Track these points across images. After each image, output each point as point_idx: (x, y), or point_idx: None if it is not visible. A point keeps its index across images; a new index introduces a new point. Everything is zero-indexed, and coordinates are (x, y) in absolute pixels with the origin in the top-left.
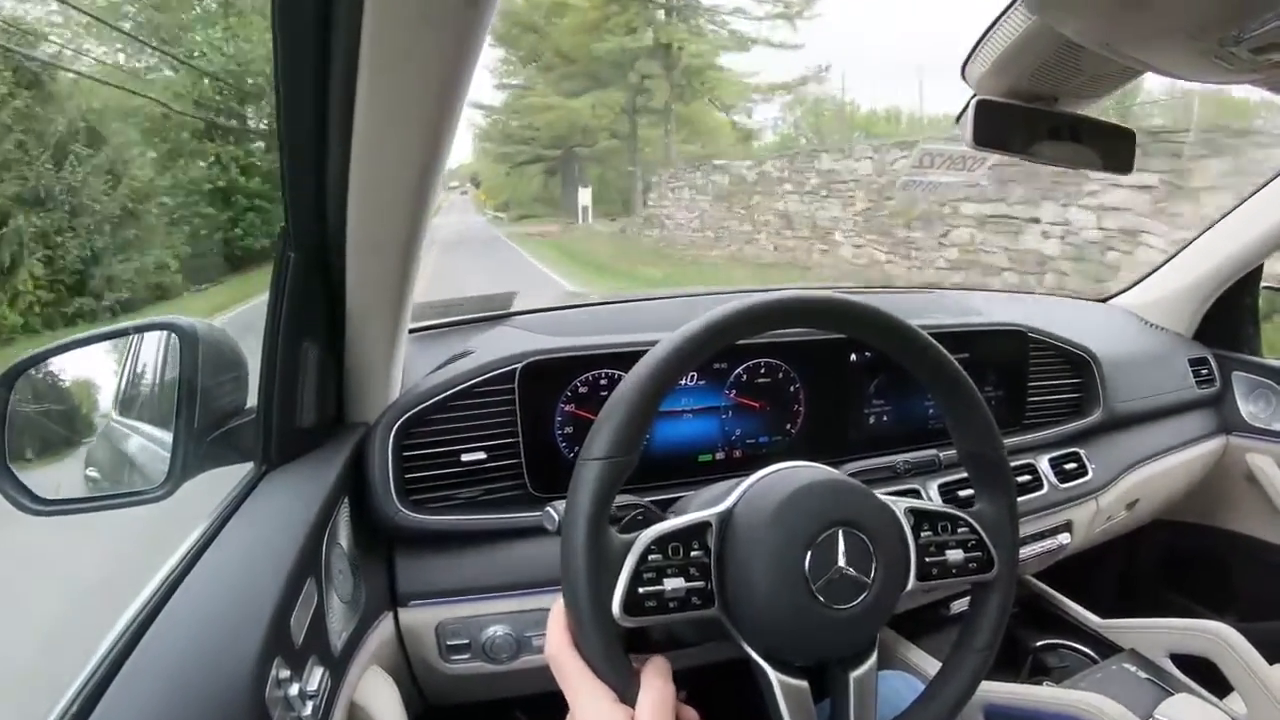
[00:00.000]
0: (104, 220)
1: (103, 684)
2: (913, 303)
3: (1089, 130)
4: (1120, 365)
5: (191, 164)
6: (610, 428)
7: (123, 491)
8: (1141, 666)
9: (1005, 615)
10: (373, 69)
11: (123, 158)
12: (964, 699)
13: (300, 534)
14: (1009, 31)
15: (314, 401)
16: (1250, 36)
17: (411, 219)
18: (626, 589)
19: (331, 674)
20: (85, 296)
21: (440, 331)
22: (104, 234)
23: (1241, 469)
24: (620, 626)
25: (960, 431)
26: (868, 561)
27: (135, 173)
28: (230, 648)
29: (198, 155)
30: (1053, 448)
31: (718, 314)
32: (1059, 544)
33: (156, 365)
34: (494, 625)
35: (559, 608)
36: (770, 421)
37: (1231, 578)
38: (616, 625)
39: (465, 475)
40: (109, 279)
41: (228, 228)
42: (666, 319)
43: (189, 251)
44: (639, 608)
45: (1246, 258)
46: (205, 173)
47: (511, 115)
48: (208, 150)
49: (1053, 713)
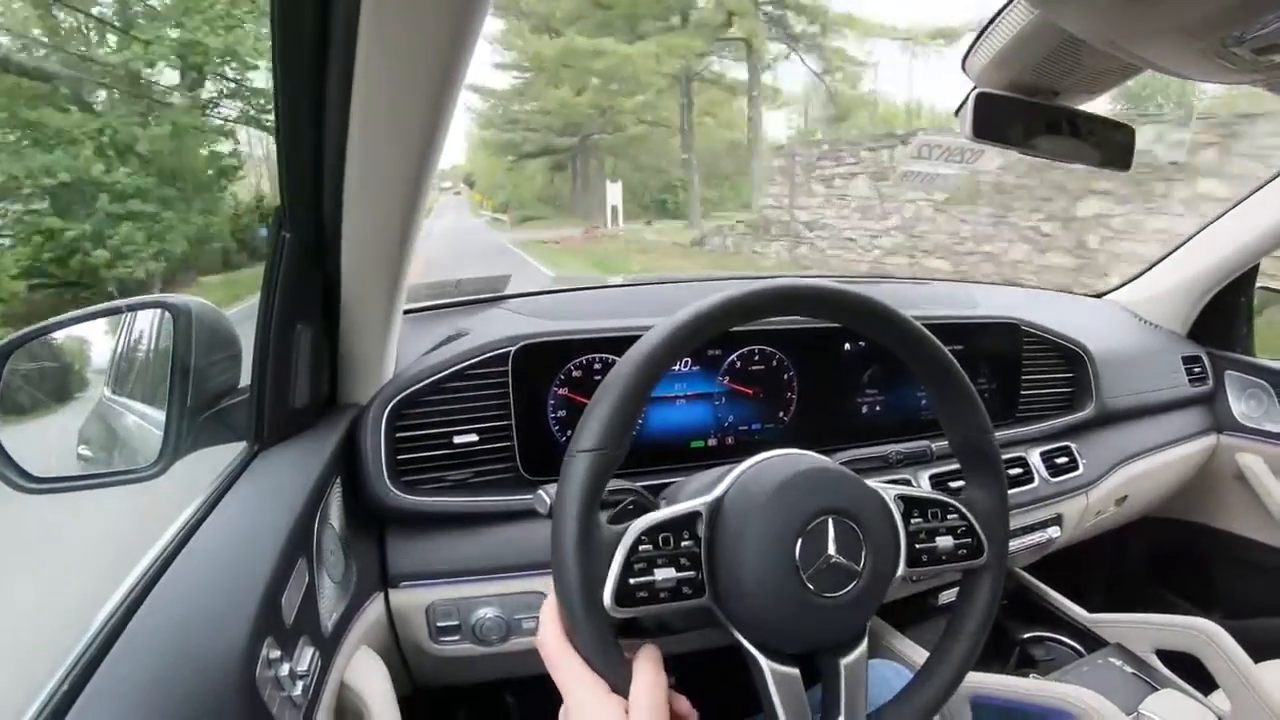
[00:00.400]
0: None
1: (94, 662)
2: (908, 294)
3: (1088, 125)
4: (1114, 361)
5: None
6: (598, 419)
7: (115, 470)
8: (1128, 661)
9: (995, 603)
10: (370, 48)
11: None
12: (953, 684)
13: (292, 514)
14: (1011, 25)
15: (307, 382)
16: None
17: (408, 201)
18: (618, 580)
19: (322, 654)
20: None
21: (435, 313)
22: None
23: (1231, 468)
24: (612, 617)
25: (951, 420)
26: (858, 549)
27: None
28: (221, 627)
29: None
30: (1044, 441)
31: (706, 304)
32: (1048, 537)
33: (150, 343)
34: (484, 607)
35: (551, 600)
36: (763, 409)
37: (1219, 575)
38: (608, 616)
39: (457, 457)
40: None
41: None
42: (662, 304)
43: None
44: (630, 598)
45: (1242, 257)
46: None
47: (516, 98)
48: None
49: (1039, 705)
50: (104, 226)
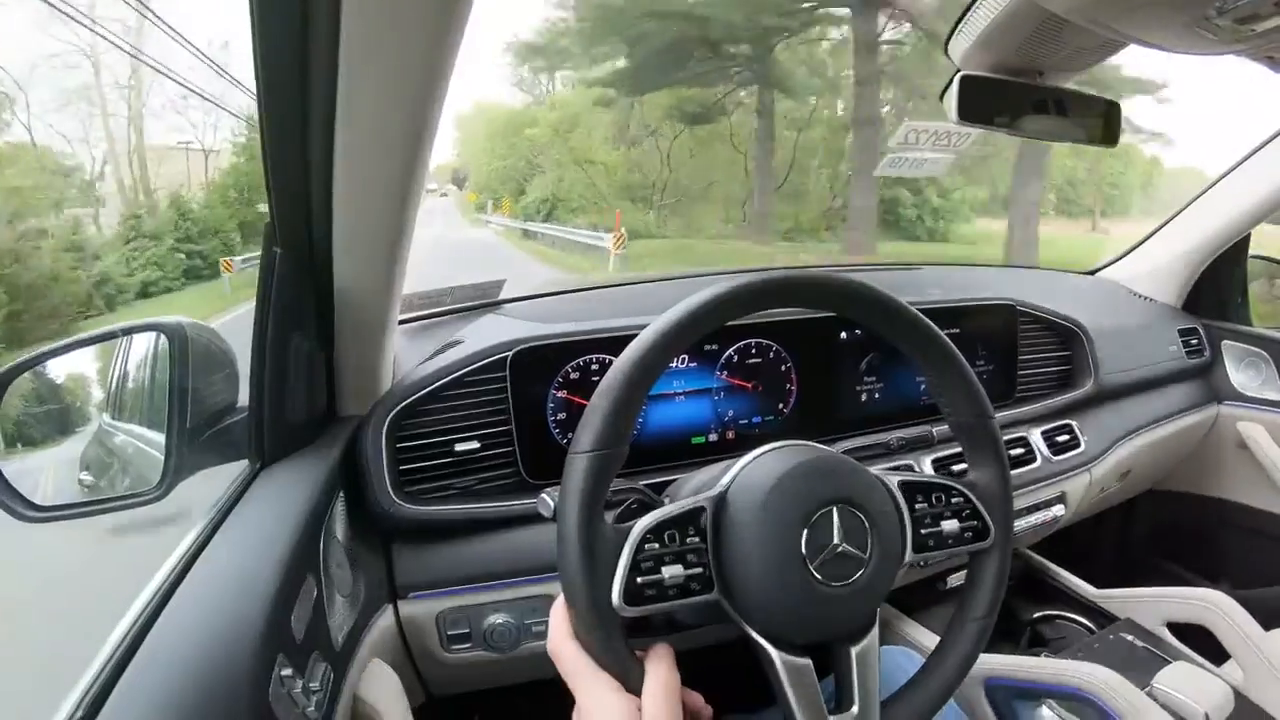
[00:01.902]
0: None
1: (106, 687)
2: (902, 279)
3: (1074, 103)
4: (1110, 337)
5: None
6: (598, 420)
7: (118, 494)
8: (1139, 636)
9: (1003, 582)
10: (353, 60)
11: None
12: (966, 666)
13: (297, 531)
14: (993, 6)
15: (305, 397)
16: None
17: (399, 212)
18: (625, 579)
19: (334, 668)
20: None
21: (430, 322)
22: None
23: (1233, 438)
24: (621, 617)
25: (949, 402)
26: (864, 537)
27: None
28: (232, 648)
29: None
30: (1045, 420)
31: (697, 300)
32: (1053, 516)
33: (146, 367)
34: (494, 614)
35: (560, 603)
36: (762, 402)
37: (1225, 545)
38: (617, 616)
39: (459, 465)
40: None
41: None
42: (658, 302)
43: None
44: (639, 597)
45: (1234, 228)
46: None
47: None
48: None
49: (1053, 684)
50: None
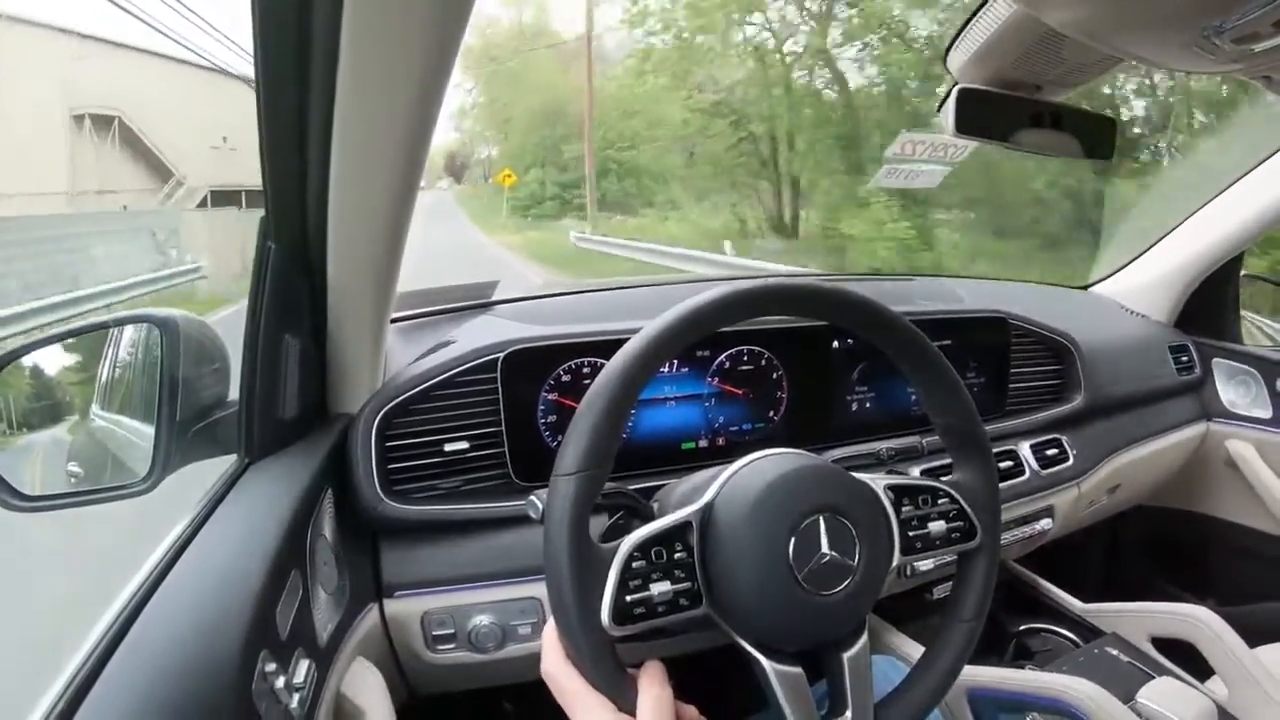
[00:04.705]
0: None
1: (88, 681)
2: (895, 290)
3: (1071, 118)
4: (1101, 352)
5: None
6: (578, 442)
7: (106, 486)
8: (1124, 650)
9: (991, 585)
10: (353, 57)
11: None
12: (955, 670)
13: (284, 527)
14: (992, 20)
15: (296, 393)
16: (1232, 26)
17: (395, 209)
18: (614, 599)
19: (318, 665)
20: None
21: (423, 321)
22: None
23: (1222, 455)
24: (611, 636)
25: (935, 406)
26: (851, 545)
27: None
28: (216, 642)
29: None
30: (1034, 434)
31: (676, 314)
32: (1041, 529)
33: (137, 358)
34: (479, 615)
35: (551, 626)
36: (753, 409)
37: (1212, 562)
38: (607, 636)
39: (448, 465)
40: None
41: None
42: (651, 305)
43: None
44: (628, 615)
45: (1228, 246)
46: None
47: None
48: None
49: (1036, 696)
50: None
